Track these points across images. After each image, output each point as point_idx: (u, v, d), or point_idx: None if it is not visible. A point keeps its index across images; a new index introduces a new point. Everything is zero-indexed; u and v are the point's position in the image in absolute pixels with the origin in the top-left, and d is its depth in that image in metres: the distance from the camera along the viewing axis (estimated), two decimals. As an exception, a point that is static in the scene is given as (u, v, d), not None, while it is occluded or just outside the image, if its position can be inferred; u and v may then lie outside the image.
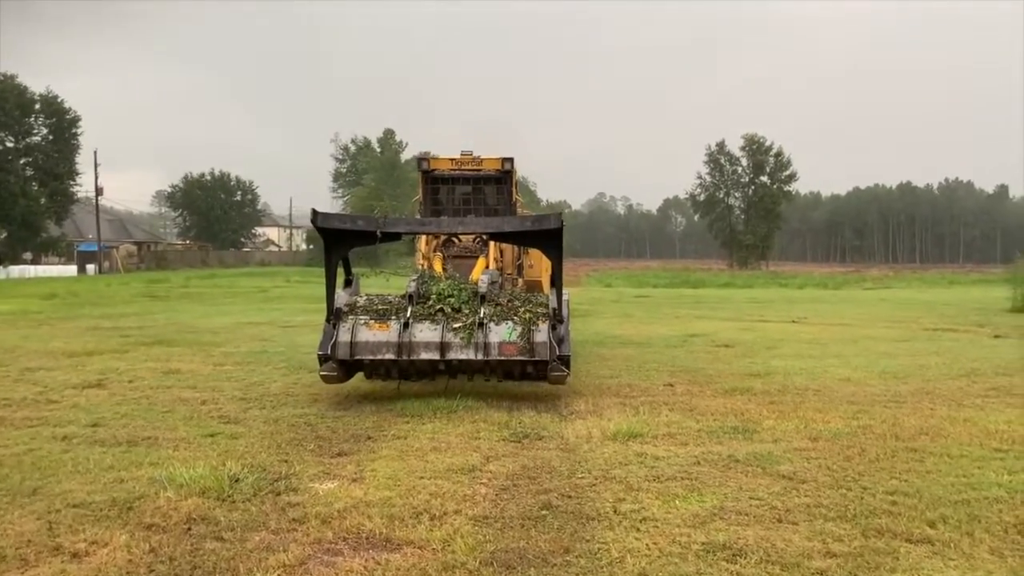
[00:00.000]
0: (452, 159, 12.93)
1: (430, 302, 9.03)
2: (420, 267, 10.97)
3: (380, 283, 12.88)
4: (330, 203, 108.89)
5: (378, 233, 9.05)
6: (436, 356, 8.64)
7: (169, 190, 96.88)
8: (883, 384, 9.91)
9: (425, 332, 8.68)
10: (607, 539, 4.66)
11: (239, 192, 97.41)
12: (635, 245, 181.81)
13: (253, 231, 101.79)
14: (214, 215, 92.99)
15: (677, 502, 5.30)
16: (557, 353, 8.62)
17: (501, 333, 8.65)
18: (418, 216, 12.73)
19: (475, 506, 5.29)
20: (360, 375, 9.53)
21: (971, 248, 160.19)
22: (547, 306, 8.96)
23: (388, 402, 8.85)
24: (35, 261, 61.38)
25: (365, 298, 9.41)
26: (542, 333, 8.61)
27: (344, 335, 8.71)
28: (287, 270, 67.05)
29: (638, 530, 4.80)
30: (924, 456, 6.40)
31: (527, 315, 8.83)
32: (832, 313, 22.27)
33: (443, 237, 11.76)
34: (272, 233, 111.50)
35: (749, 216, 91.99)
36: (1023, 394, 9.20)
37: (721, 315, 21.63)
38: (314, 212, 8.98)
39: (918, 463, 6.21)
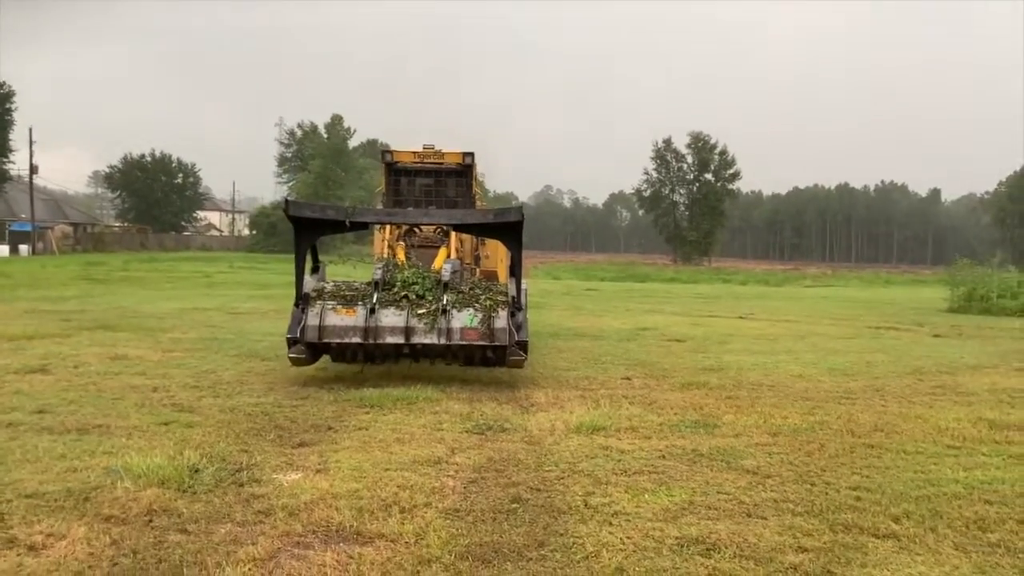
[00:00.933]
0: (415, 152, 13.24)
1: (395, 289, 9.35)
2: (383, 256, 11.22)
3: (346, 270, 12.91)
4: (275, 188, 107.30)
5: (347, 222, 9.39)
6: (401, 340, 9.00)
7: (107, 170, 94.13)
8: (834, 380, 10.12)
9: (390, 317, 9.04)
10: (580, 533, 4.64)
11: (180, 175, 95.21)
12: (581, 239, 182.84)
13: (194, 215, 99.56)
14: (154, 197, 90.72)
15: (646, 496, 5.32)
16: (516, 339, 9.06)
17: (463, 319, 9.07)
18: (380, 206, 13.02)
19: (444, 499, 5.23)
20: (326, 358, 9.79)
21: (904, 249, 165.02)
22: (506, 294, 9.38)
23: (346, 391, 8.72)
24: (-37, 241, 59.18)
25: (332, 284, 9.66)
26: (502, 320, 9.06)
27: (312, 319, 9.05)
28: (230, 255, 65.86)
29: (610, 524, 4.80)
30: (881, 452, 6.54)
31: (488, 303, 9.25)
32: (777, 309, 22.71)
33: (405, 227, 11.97)
34: (214, 217, 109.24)
35: (693, 213, 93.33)
36: (968, 392, 9.47)
37: (670, 309, 21.88)
38: (286, 201, 9.46)
39: (876, 459, 6.33)
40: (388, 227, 11.90)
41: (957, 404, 8.71)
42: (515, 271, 9.55)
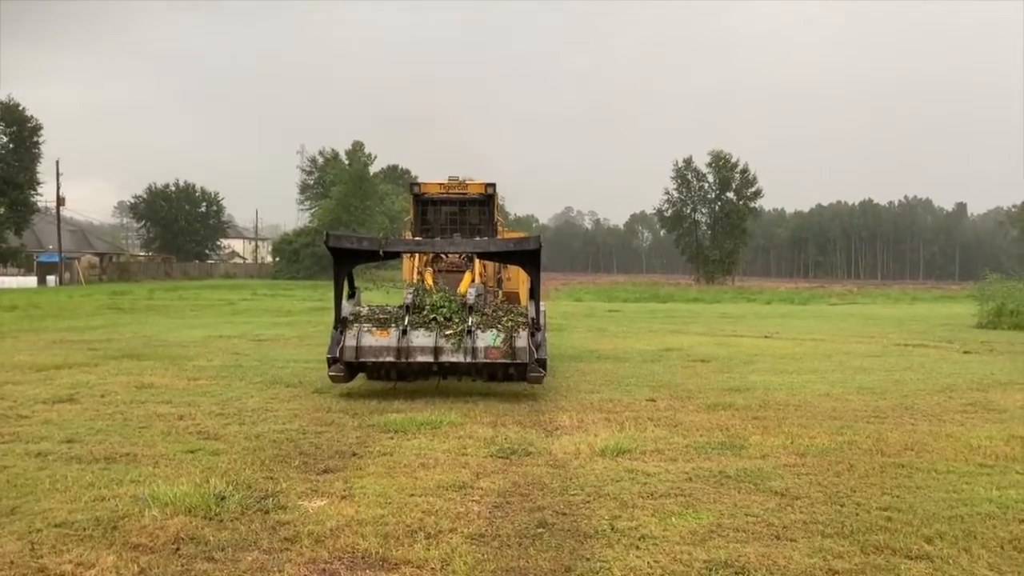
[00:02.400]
0: (440, 183, 14.31)
1: (425, 312, 10.13)
2: (414, 281, 11.87)
3: (381, 296, 13.51)
4: (297, 215, 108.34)
5: (381, 252, 10.20)
6: (430, 359, 9.80)
7: (132, 201, 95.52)
8: (862, 400, 10.00)
9: (421, 338, 9.83)
10: (607, 557, 4.60)
11: (204, 203, 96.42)
12: (602, 260, 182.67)
13: (218, 243, 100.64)
14: (178, 227, 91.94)
15: (673, 519, 5.27)
16: (535, 357, 9.81)
17: (487, 339, 9.82)
18: (409, 233, 14.09)
19: (469, 524, 5.20)
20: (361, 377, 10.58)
21: (930, 265, 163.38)
22: (526, 316, 10.17)
23: (369, 417, 8.73)
24: (-7, 272, 60.09)
25: (368, 308, 10.48)
26: (522, 339, 9.81)
27: (350, 340, 9.83)
28: (253, 283, 66.42)
29: (638, 548, 4.75)
30: (912, 472, 6.44)
31: (509, 323, 10.03)
32: (803, 328, 22.50)
33: (433, 254, 12.81)
34: (237, 245, 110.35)
35: (715, 232, 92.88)
36: (999, 409, 9.33)
37: (694, 330, 21.75)
38: (326, 234, 10.12)
39: (907, 479, 6.24)
40: (418, 255, 12.59)
41: (989, 422, 8.57)
42: (534, 294, 10.33)
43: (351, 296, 10.51)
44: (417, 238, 13.26)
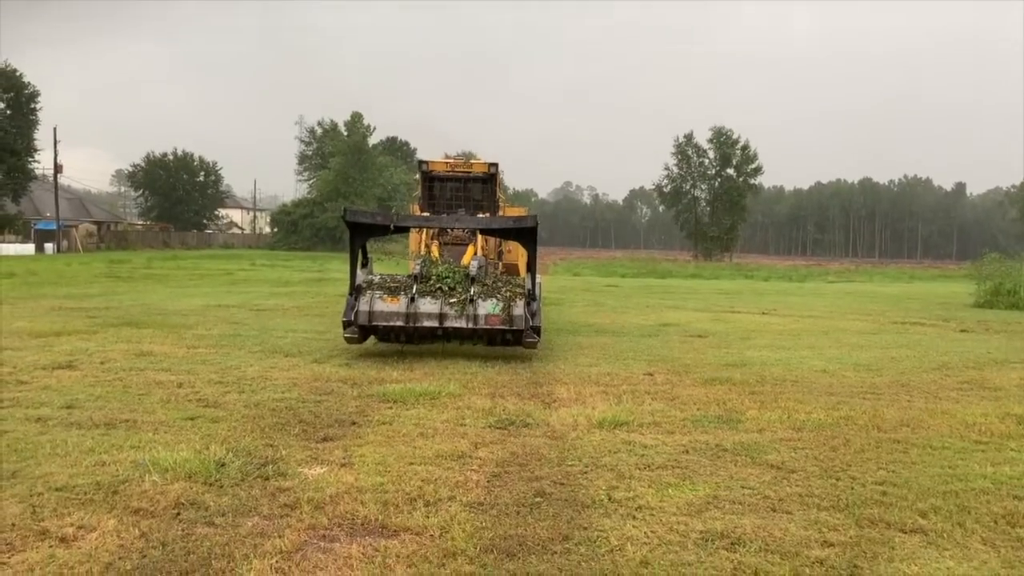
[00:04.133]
0: (447, 162, 15.70)
1: (431, 281, 11.04)
2: (420, 253, 12.79)
3: (388, 267, 14.24)
4: (295, 186, 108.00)
5: (392, 226, 11.33)
6: (436, 324, 10.68)
7: (130, 169, 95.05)
8: (858, 376, 10.04)
9: (427, 305, 10.71)
10: (605, 527, 4.64)
11: (202, 173, 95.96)
12: (600, 235, 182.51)
13: (216, 213, 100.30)
14: (176, 196, 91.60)
15: (670, 490, 5.31)
16: (530, 324, 10.71)
17: (487, 307, 10.74)
18: (417, 208, 15.34)
19: (468, 492, 5.24)
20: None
21: (928, 244, 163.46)
22: (523, 287, 11.07)
23: (368, 386, 8.76)
24: (-9, 239, 59.92)
25: (379, 277, 11.30)
26: (519, 308, 10.73)
27: (364, 306, 10.72)
28: (251, 253, 66.29)
29: (634, 518, 4.80)
30: (908, 447, 6.48)
31: (508, 294, 10.94)
32: (800, 305, 22.55)
33: (439, 228, 13.66)
34: (235, 215, 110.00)
35: (715, 208, 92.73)
36: (995, 388, 9.38)
37: (691, 305, 21.79)
38: (344, 209, 11.21)
39: (903, 454, 6.28)
40: (425, 229, 13.54)
41: (984, 399, 8.62)
42: (531, 267, 11.17)
43: (364, 265, 11.26)
44: (425, 214, 14.32)
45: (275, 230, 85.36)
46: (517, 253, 14.83)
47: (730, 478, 5.61)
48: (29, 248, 58.28)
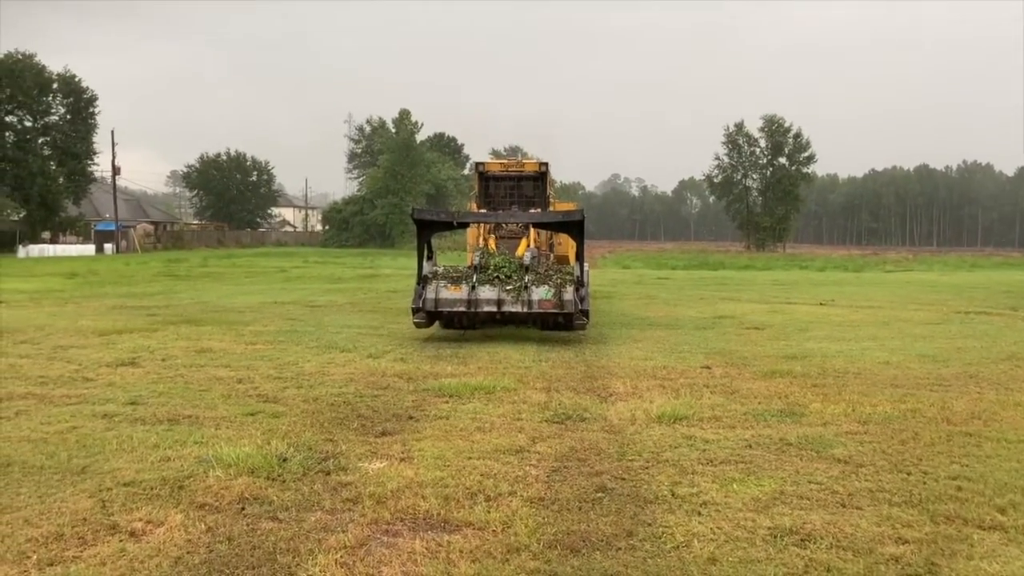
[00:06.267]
0: (501, 162, 17.40)
1: (489, 271, 12.18)
2: (478, 246, 13.89)
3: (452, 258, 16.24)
4: (345, 184, 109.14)
5: (455, 223, 12.77)
6: (494, 309, 11.85)
7: (184, 170, 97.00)
8: (924, 367, 9.76)
9: (486, 292, 11.87)
10: (669, 523, 4.56)
11: (255, 172, 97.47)
12: (649, 227, 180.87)
13: (269, 211, 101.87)
14: (230, 195, 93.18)
15: (735, 486, 5.20)
16: (580, 308, 11.72)
17: (540, 293, 11.83)
18: (474, 205, 16.44)
19: (529, 487, 5.20)
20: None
21: (989, 231, 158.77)
22: (573, 275, 12.09)
23: (424, 381, 8.78)
24: (53, 240, 61.63)
25: (443, 268, 12.50)
26: (569, 293, 11.78)
27: (430, 294, 11.90)
28: (303, 250, 67.19)
29: (699, 514, 4.70)
30: (981, 441, 6.27)
31: (559, 280, 12.00)
32: (859, 295, 22.05)
33: (495, 223, 14.83)
34: (287, 214, 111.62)
35: (767, 198, 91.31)
36: (1069, 378, 9.02)
37: (746, 297, 21.45)
38: (412, 208, 12.69)
39: (976, 448, 6.07)
40: (482, 224, 14.60)
41: (1059, 391, 8.29)
42: (579, 257, 12.37)
43: (430, 258, 12.36)
44: (482, 210, 15.44)
45: (326, 228, 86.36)
46: (567, 245, 15.47)
47: (796, 473, 5.48)
48: (90, 248, 59.84)
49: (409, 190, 77.52)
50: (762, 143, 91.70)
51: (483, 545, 4.25)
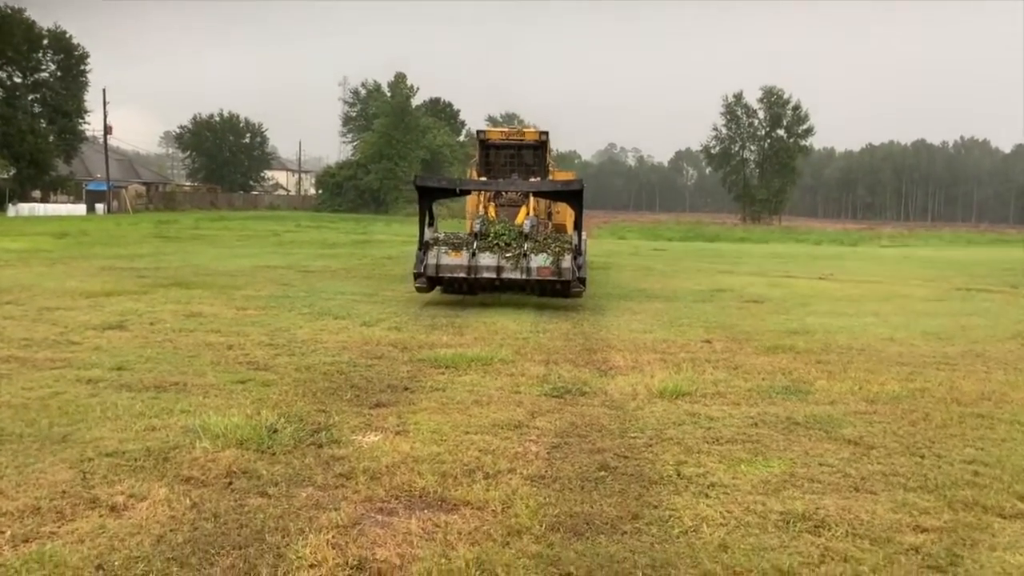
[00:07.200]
0: (502, 131, 17.58)
1: (489, 238, 12.33)
2: (479, 213, 13.86)
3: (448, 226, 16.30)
4: (339, 147, 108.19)
5: (457, 190, 13.46)
6: (494, 276, 12.08)
7: (177, 131, 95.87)
8: (929, 345, 9.58)
9: (486, 259, 12.07)
10: (676, 505, 4.36)
11: (248, 135, 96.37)
12: (645, 198, 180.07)
13: (262, 174, 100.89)
14: (223, 157, 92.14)
15: (742, 466, 5.01)
16: (577, 275, 11.92)
17: (539, 261, 12.02)
18: (474, 174, 16.68)
19: (528, 465, 5.00)
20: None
21: (984, 208, 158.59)
22: (571, 243, 12.22)
23: (419, 352, 8.56)
24: (44, 199, 60.91)
25: (444, 234, 12.60)
26: (567, 261, 11.98)
27: (431, 259, 12.13)
28: (296, 214, 66.61)
29: (707, 496, 4.51)
30: (993, 423, 6.08)
31: (557, 249, 12.15)
32: (857, 270, 21.86)
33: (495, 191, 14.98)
34: (281, 177, 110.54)
35: (764, 170, 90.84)
36: (1077, 359, 8.85)
37: (744, 270, 21.26)
38: (415, 175, 13.09)
39: (989, 430, 5.89)
40: (483, 192, 14.57)
41: (1068, 371, 8.12)
42: (577, 226, 12.49)
43: (431, 224, 12.48)
44: (483, 179, 15.65)
45: (320, 192, 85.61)
46: (565, 214, 15.54)
47: (805, 454, 5.29)
48: (81, 208, 59.13)
49: (404, 155, 76.79)
50: (760, 114, 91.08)
51: (482, 526, 4.05)
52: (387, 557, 3.71)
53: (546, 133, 16.46)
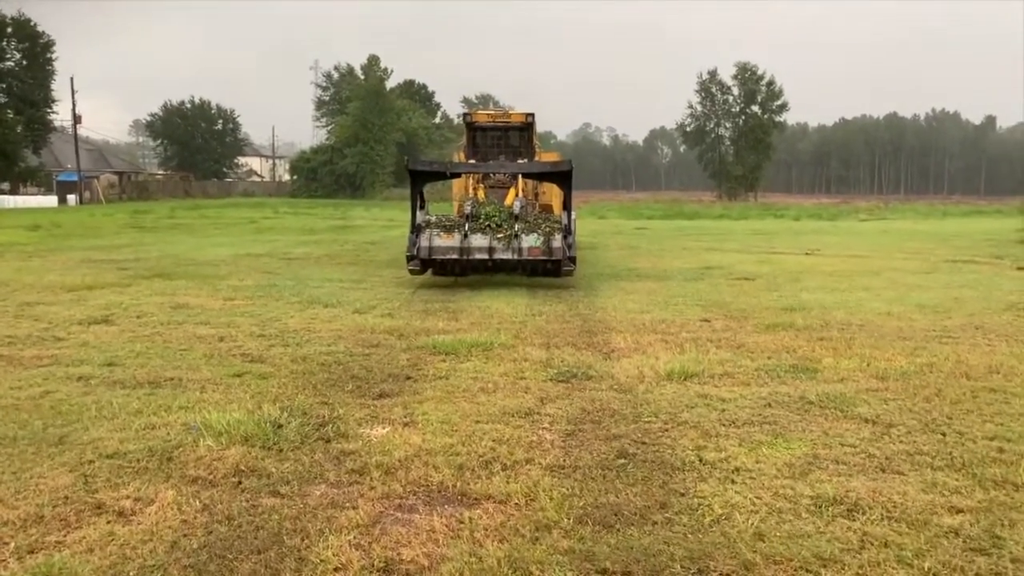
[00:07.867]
0: (488, 113, 17.80)
1: (480, 220, 12.38)
2: (467, 195, 14.26)
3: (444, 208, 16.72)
4: (313, 132, 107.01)
5: (448, 173, 13.54)
6: (486, 257, 12.20)
7: (148, 119, 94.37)
8: (927, 319, 9.54)
9: (478, 240, 12.17)
10: (704, 492, 4.24)
11: (220, 121, 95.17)
12: (621, 177, 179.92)
13: (235, 161, 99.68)
14: (195, 144, 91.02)
15: (764, 449, 4.89)
16: (567, 254, 12.08)
17: (530, 241, 12.16)
18: (462, 155, 16.85)
19: (546, 454, 4.86)
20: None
21: (955, 180, 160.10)
22: (561, 223, 12.45)
23: (415, 338, 8.38)
24: (13, 191, 59.76)
25: (435, 217, 12.75)
26: (557, 241, 12.15)
27: (424, 242, 12.20)
28: (272, 201, 65.90)
29: (733, 482, 4.39)
30: (1008, 397, 6.02)
31: (547, 229, 12.30)
32: (841, 245, 21.91)
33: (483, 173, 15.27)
34: (254, 163, 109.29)
35: (739, 147, 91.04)
36: (1076, 329, 8.85)
37: (730, 247, 21.22)
38: (407, 158, 12.94)
39: (1005, 404, 5.82)
40: (471, 174, 14.98)
41: (1070, 342, 8.10)
42: (567, 206, 12.71)
43: (422, 207, 12.60)
44: (472, 161, 15.73)
45: (294, 178, 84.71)
46: (551, 194, 15.75)
47: (825, 435, 5.18)
48: (52, 200, 58.14)
49: (380, 139, 76.14)
50: (735, 91, 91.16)
51: (508, 521, 3.90)
52: (414, 557, 3.56)
53: (532, 115, 16.55)
